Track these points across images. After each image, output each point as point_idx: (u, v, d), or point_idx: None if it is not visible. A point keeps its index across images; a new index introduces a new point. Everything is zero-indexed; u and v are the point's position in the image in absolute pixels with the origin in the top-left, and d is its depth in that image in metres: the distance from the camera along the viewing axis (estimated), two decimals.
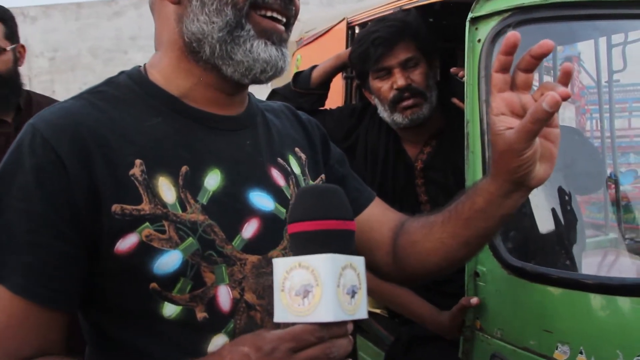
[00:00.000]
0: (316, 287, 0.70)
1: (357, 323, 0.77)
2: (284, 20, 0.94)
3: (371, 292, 1.64)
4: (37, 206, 0.80)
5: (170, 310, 0.85)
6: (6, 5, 1.91)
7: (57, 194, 0.81)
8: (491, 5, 1.49)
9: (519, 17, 1.46)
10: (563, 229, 1.56)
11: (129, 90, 0.93)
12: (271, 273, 0.90)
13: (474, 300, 1.44)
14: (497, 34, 1.47)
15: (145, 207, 0.84)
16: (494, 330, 1.41)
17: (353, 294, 0.72)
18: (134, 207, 0.84)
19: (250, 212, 0.92)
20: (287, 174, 1.01)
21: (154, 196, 0.85)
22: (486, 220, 0.97)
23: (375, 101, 1.87)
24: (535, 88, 0.90)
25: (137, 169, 0.85)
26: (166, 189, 0.86)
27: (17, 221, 0.81)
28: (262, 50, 0.90)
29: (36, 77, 10.88)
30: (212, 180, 0.90)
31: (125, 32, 11.10)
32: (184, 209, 0.87)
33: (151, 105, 0.92)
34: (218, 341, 0.87)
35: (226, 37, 0.89)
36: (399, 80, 1.75)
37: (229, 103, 0.97)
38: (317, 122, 1.18)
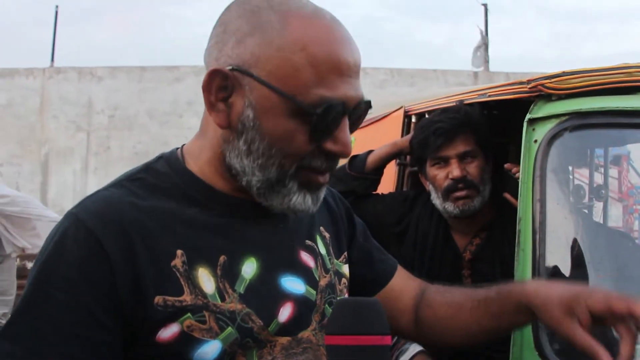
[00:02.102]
0: None
1: None
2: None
3: None
4: (79, 298, 0.81)
5: None
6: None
7: (100, 286, 0.82)
8: (549, 108, 1.55)
9: (576, 121, 1.51)
10: (612, 332, 1.53)
11: (167, 178, 0.94)
12: (301, 353, 0.93)
13: None
14: (554, 136, 1.52)
15: (187, 298, 0.86)
16: None
17: None
18: (175, 298, 0.85)
19: (283, 296, 0.95)
20: (315, 255, 1.03)
21: (195, 287, 0.87)
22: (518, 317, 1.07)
23: (429, 187, 1.92)
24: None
25: (178, 260, 0.87)
26: (206, 280, 0.88)
27: (57, 312, 0.81)
28: (299, 202, 0.91)
29: (94, 132, 11.33)
30: (249, 268, 0.93)
31: (183, 96, 11.49)
32: (222, 299, 0.88)
33: (188, 195, 0.93)
34: None
35: (265, 187, 0.90)
36: (455, 170, 1.81)
37: None
38: (341, 196, 1.20)
